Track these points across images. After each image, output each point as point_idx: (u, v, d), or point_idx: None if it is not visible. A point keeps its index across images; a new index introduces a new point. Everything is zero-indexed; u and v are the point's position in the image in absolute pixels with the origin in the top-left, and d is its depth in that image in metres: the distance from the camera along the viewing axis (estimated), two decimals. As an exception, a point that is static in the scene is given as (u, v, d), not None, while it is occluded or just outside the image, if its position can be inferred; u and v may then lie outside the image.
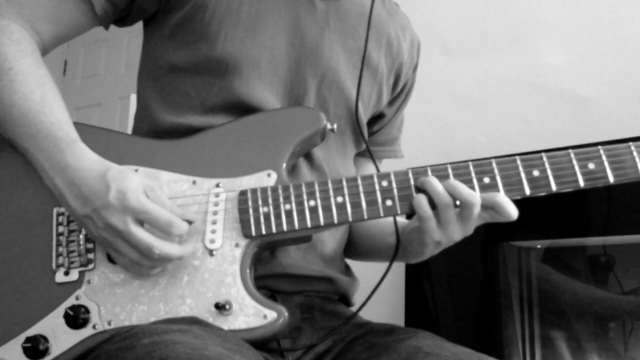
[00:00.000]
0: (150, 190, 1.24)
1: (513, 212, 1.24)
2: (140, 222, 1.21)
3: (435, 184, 1.24)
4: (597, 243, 2.66)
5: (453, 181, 1.24)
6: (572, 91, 2.93)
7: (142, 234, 1.20)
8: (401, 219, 1.52)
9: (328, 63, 1.48)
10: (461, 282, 2.77)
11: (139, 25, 1.57)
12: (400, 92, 1.70)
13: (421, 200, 1.25)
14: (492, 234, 2.64)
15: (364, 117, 1.57)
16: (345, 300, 1.55)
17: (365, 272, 1.67)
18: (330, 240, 1.49)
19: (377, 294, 1.40)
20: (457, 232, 1.27)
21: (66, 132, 1.30)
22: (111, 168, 1.25)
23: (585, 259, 2.76)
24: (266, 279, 1.36)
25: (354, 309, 1.55)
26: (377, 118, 1.68)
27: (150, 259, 1.22)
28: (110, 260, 1.28)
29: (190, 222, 1.27)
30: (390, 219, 1.50)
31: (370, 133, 1.68)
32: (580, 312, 2.70)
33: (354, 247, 1.63)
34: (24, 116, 1.29)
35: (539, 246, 2.83)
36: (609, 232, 2.48)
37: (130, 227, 1.20)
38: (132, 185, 1.22)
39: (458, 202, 1.24)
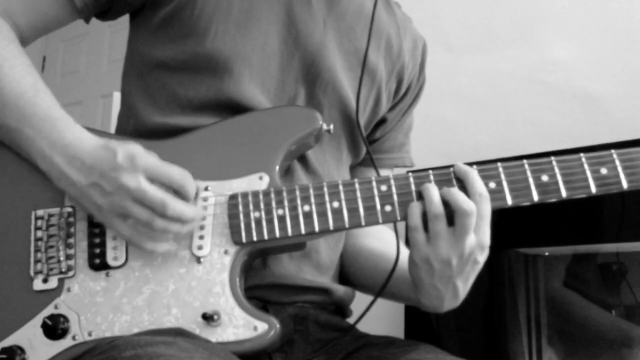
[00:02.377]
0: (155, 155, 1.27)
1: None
2: (151, 181, 1.23)
3: (432, 192, 1.24)
4: (611, 250, 2.66)
5: (453, 189, 1.24)
6: (582, 89, 2.94)
7: (155, 190, 1.22)
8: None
9: (323, 63, 1.48)
10: (464, 291, 2.77)
11: (121, 19, 1.56)
12: (404, 96, 1.68)
13: (413, 209, 1.25)
14: (497, 240, 2.64)
15: (360, 122, 1.54)
16: (342, 311, 1.54)
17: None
18: (325, 248, 1.49)
19: (376, 304, 1.40)
20: (446, 249, 1.24)
21: (63, 115, 1.33)
22: (111, 140, 1.27)
23: (596, 267, 2.76)
24: (257, 289, 1.36)
25: (350, 319, 1.55)
26: (378, 124, 1.66)
27: (164, 216, 1.22)
28: (92, 267, 1.28)
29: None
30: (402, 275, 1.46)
31: (372, 140, 1.67)
32: (593, 333, 2.71)
33: (359, 280, 1.61)
34: (17, 98, 1.31)
35: (547, 253, 2.83)
36: (624, 239, 2.48)
37: (142, 184, 1.21)
38: (139, 149, 1.24)
39: (453, 209, 1.23)
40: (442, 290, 1.31)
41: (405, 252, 1.40)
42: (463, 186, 1.26)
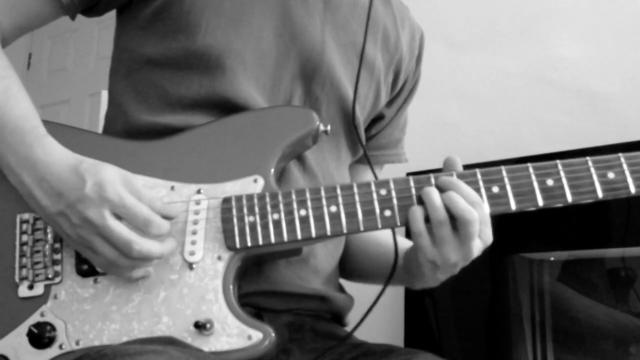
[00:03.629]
0: (128, 182, 1.24)
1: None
2: (119, 217, 1.21)
3: (433, 197, 1.24)
4: (617, 255, 2.66)
5: (452, 194, 1.24)
6: (589, 87, 2.94)
7: (120, 228, 1.20)
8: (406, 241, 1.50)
9: (321, 58, 1.47)
10: (466, 298, 2.78)
11: (110, 14, 1.56)
12: (401, 90, 1.69)
13: (416, 214, 1.25)
14: (500, 245, 2.62)
15: (360, 118, 1.56)
16: (339, 319, 1.54)
17: (360, 287, 1.67)
18: (324, 254, 1.48)
19: (374, 311, 1.40)
20: (453, 254, 1.26)
21: (34, 126, 1.31)
22: (84, 161, 1.25)
23: (604, 273, 2.76)
24: (251, 296, 1.36)
25: (348, 328, 1.54)
26: (375, 120, 1.67)
27: (128, 257, 1.21)
28: (80, 272, 1.28)
29: (170, 218, 1.27)
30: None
31: (368, 137, 1.67)
32: (599, 334, 2.70)
33: (350, 266, 1.63)
34: None
35: (552, 258, 2.83)
36: (630, 243, 2.48)
37: (107, 221, 1.19)
38: (109, 176, 1.22)
39: (455, 217, 1.24)
40: (442, 278, 1.36)
41: (402, 242, 1.45)
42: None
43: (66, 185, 1.23)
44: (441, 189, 1.26)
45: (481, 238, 1.26)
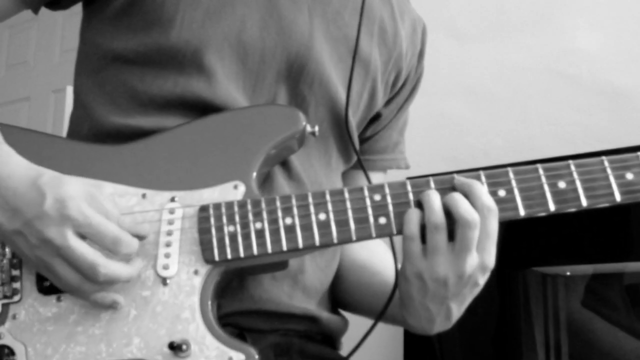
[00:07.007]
0: (92, 198, 1.23)
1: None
2: (82, 237, 1.20)
3: (433, 200, 1.24)
4: (638, 269, 2.67)
5: (456, 194, 1.24)
6: (609, 83, 2.95)
7: (84, 249, 1.19)
8: None
9: (309, 53, 1.47)
10: (472, 317, 2.76)
11: (77, 4, 1.56)
12: (401, 89, 1.69)
13: (411, 216, 1.25)
14: (510, 258, 2.64)
15: (353, 121, 1.55)
16: (331, 342, 1.55)
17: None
18: (313, 269, 1.48)
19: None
20: (443, 266, 1.25)
21: None
22: (44, 174, 1.24)
23: (622, 288, 2.76)
24: (233, 316, 1.36)
25: (341, 352, 1.55)
26: (371, 120, 1.66)
27: (94, 282, 1.20)
28: (41, 290, 1.28)
29: (141, 238, 1.26)
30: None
31: (363, 139, 1.67)
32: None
33: (344, 297, 1.64)
34: None
35: (568, 273, 2.84)
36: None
37: (69, 241, 1.18)
38: (72, 192, 1.21)
39: (454, 219, 1.24)
40: (434, 311, 1.34)
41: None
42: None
43: (23, 201, 1.22)
44: (456, 190, 1.26)
45: (480, 252, 1.25)
